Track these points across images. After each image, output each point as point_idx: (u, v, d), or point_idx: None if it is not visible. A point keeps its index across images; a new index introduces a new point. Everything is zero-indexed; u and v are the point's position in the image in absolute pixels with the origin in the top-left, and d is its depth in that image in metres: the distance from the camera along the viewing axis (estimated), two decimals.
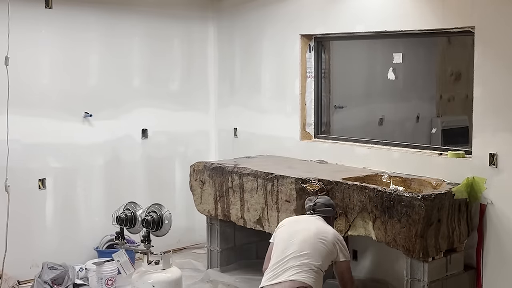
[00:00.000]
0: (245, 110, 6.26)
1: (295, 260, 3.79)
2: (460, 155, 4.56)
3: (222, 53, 6.48)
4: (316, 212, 4.11)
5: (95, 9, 5.71)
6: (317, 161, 5.48)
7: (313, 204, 4.14)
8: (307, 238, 3.87)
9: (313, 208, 4.13)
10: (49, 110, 5.47)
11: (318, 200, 4.16)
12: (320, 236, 3.88)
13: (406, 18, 4.82)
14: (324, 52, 5.71)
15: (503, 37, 4.20)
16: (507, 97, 4.22)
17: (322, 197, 4.24)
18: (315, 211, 4.12)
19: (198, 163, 5.51)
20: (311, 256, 3.80)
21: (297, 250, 3.82)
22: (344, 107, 6.05)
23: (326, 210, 4.14)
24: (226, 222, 5.43)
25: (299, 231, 3.94)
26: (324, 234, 3.91)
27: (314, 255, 3.81)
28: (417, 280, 4.17)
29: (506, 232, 4.27)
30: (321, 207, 4.13)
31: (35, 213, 5.46)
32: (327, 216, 4.13)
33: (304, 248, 3.82)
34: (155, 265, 4.71)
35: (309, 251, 3.81)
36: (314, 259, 3.80)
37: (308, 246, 3.83)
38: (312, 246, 3.84)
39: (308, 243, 3.85)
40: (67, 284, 5.08)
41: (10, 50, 4.86)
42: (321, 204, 4.14)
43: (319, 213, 4.11)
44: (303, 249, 3.82)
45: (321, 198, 4.20)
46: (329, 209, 4.16)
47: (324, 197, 4.25)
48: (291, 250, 3.83)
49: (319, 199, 4.18)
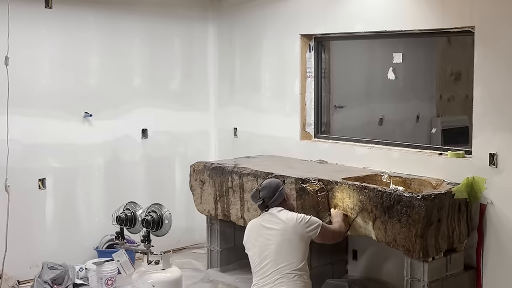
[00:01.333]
0: (245, 110, 6.26)
1: (276, 273, 3.76)
2: (460, 155, 4.56)
3: (222, 53, 6.48)
4: (270, 206, 3.99)
5: (95, 9, 5.71)
6: (317, 161, 5.48)
7: (261, 201, 4.00)
8: (278, 245, 3.81)
9: (265, 205, 3.99)
10: (49, 110, 5.47)
11: (263, 194, 3.99)
12: (286, 234, 3.83)
13: (406, 18, 4.81)
14: (324, 52, 5.71)
15: (503, 37, 4.20)
16: (507, 97, 4.21)
17: (263, 188, 4.02)
18: (268, 207, 3.99)
19: (198, 163, 5.51)
20: (290, 262, 3.77)
21: (274, 262, 3.78)
22: (344, 107, 6.06)
23: (276, 197, 3.99)
24: (226, 222, 5.43)
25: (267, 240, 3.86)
26: (288, 230, 3.83)
27: (293, 258, 3.79)
28: (417, 280, 4.17)
29: (506, 232, 4.27)
30: (270, 198, 3.98)
31: (35, 213, 5.46)
32: (281, 202, 4.01)
33: (281, 257, 3.79)
34: (155, 265, 4.70)
35: (286, 257, 3.78)
36: (294, 263, 3.78)
37: (283, 252, 3.80)
38: (286, 250, 3.80)
39: (281, 249, 3.80)
40: (67, 284, 5.08)
41: (10, 50, 4.87)
42: (268, 197, 3.98)
43: (272, 204, 3.98)
44: (279, 259, 3.78)
45: (263, 190, 4.01)
46: (278, 193, 4.00)
47: (264, 187, 4.03)
48: (269, 264, 3.79)
49: (263, 192, 3.99)
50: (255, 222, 4.07)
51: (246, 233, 4.06)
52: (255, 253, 3.90)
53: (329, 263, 5.20)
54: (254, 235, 3.97)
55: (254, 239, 3.95)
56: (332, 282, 5.09)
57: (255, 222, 4.06)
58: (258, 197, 4.02)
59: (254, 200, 4.10)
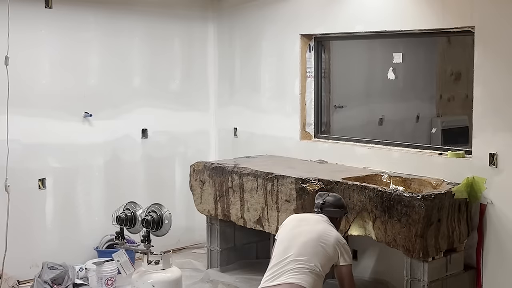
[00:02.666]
0: (245, 110, 6.26)
1: (294, 262, 3.75)
2: (460, 155, 4.56)
3: (222, 53, 6.48)
4: (324, 211, 4.05)
5: (95, 9, 5.71)
6: (317, 161, 5.48)
7: (322, 202, 4.07)
8: (309, 241, 3.82)
9: (321, 207, 4.06)
10: (49, 110, 5.47)
11: (327, 199, 4.08)
12: (322, 239, 3.83)
13: (406, 18, 4.81)
14: (324, 52, 5.71)
15: (503, 37, 4.20)
16: (507, 97, 4.21)
17: (332, 196, 4.13)
18: (322, 210, 4.05)
19: (198, 163, 5.51)
20: (310, 260, 3.76)
21: (297, 252, 3.78)
22: (344, 107, 6.06)
23: (334, 211, 4.06)
24: (226, 222, 5.43)
25: (301, 232, 3.89)
26: (326, 237, 3.85)
27: (314, 259, 3.77)
28: (417, 280, 4.17)
29: (506, 232, 4.27)
30: (329, 207, 4.06)
31: (35, 213, 5.46)
32: (333, 217, 4.06)
33: (304, 251, 3.78)
34: (155, 265, 4.71)
35: (309, 255, 3.78)
36: (313, 263, 3.76)
37: (309, 249, 3.79)
38: (312, 249, 3.80)
39: (309, 246, 3.81)
40: (67, 284, 5.08)
41: (10, 50, 4.87)
42: (330, 204, 4.06)
43: (326, 213, 4.04)
44: (303, 252, 3.78)
45: (331, 197, 4.10)
46: (337, 209, 4.08)
47: (334, 196, 4.14)
48: (291, 252, 3.80)
49: (329, 198, 4.09)
50: (299, 215, 4.22)
51: (286, 221, 4.11)
52: (285, 238, 3.91)
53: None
54: (293, 224, 4.02)
55: (292, 227, 3.99)
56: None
57: (299, 216, 4.20)
58: (324, 198, 4.09)
59: (318, 197, 4.13)
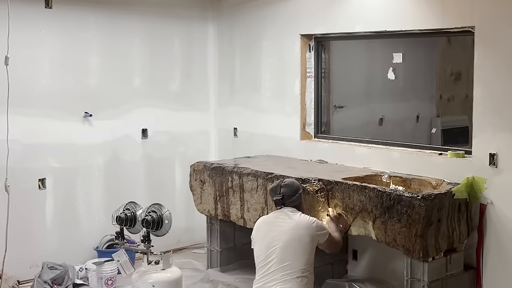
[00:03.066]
0: (245, 110, 6.26)
1: (279, 272, 3.76)
2: (460, 155, 4.56)
3: (222, 53, 6.48)
4: (287, 204, 4.02)
5: (95, 9, 5.71)
6: (317, 161, 5.48)
7: (280, 197, 4.02)
8: (286, 244, 3.82)
9: (283, 202, 4.02)
10: (49, 110, 5.47)
11: (284, 191, 4.02)
12: (296, 235, 3.84)
13: (406, 18, 4.81)
14: (324, 52, 5.71)
15: (503, 37, 4.20)
16: (507, 97, 4.21)
17: (285, 185, 4.05)
18: (284, 204, 4.02)
19: (198, 163, 5.51)
20: (295, 263, 3.78)
21: (279, 260, 3.79)
22: (344, 107, 6.06)
23: (295, 198, 4.04)
24: (226, 222, 5.43)
25: (275, 237, 3.87)
26: (299, 231, 3.86)
27: (298, 260, 3.79)
28: (417, 280, 4.17)
29: (506, 232, 4.27)
30: (289, 197, 4.02)
31: (35, 213, 5.46)
32: (296, 204, 4.04)
33: (286, 257, 3.79)
34: (155, 265, 4.71)
35: (291, 258, 3.79)
36: (299, 265, 3.78)
37: (289, 252, 3.80)
38: (292, 250, 3.81)
39: (288, 248, 3.81)
40: (67, 284, 5.08)
41: (10, 50, 4.87)
42: (288, 195, 4.02)
43: (289, 204, 4.02)
44: (285, 257, 3.79)
45: (285, 187, 4.04)
46: (296, 195, 4.05)
47: (287, 185, 4.06)
48: (273, 261, 3.80)
49: (284, 189, 4.02)
50: (266, 218, 4.10)
51: (256, 228, 4.07)
52: (262, 248, 3.90)
53: (329, 263, 5.20)
54: (263, 230, 3.99)
55: (263, 235, 3.96)
56: (332, 282, 5.09)
57: (266, 218, 4.09)
58: (279, 192, 4.03)
59: (272, 194, 4.09)
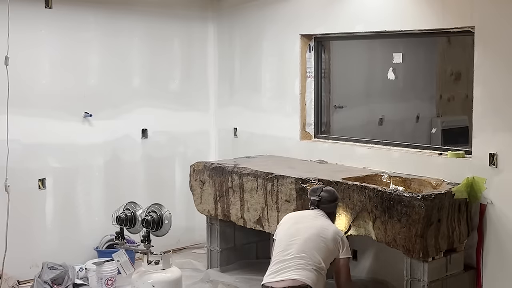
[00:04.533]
0: (245, 110, 6.26)
1: (297, 259, 3.79)
2: (460, 155, 4.56)
3: (222, 53, 6.48)
4: (321, 207, 4.10)
5: (95, 9, 5.70)
6: (317, 161, 5.48)
7: (317, 199, 4.11)
8: (309, 237, 3.87)
9: (317, 204, 4.11)
10: (49, 110, 5.47)
11: (323, 195, 4.13)
12: (322, 233, 3.89)
13: (406, 18, 4.81)
14: (324, 52, 5.71)
15: (503, 37, 4.20)
16: (507, 97, 4.21)
17: (326, 191, 4.18)
18: (319, 207, 4.10)
19: (198, 163, 5.51)
20: (312, 255, 3.81)
21: (298, 249, 3.82)
22: (344, 107, 6.06)
23: (330, 205, 4.14)
24: (226, 222, 5.43)
25: (300, 229, 3.94)
26: (326, 232, 3.91)
27: (316, 254, 3.82)
28: (417, 280, 4.17)
29: (506, 232, 4.27)
30: (325, 203, 4.12)
31: (35, 213, 5.46)
32: (330, 212, 4.13)
33: (306, 247, 3.83)
34: (155, 265, 4.71)
35: (311, 250, 3.82)
36: (315, 259, 3.80)
37: (310, 244, 3.84)
38: (313, 244, 3.84)
39: (310, 241, 3.85)
40: (67, 284, 5.08)
41: (10, 50, 4.87)
42: (325, 200, 4.12)
43: (323, 209, 4.10)
44: (305, 248, 3.82)
45: (325, 192, 4.15)
46: (333, 204, 4.16)
47: (328, 191, 4.19)
48: (293, 249, 3.83)
49: (324, 193, 4.14)
50: (297, 213, 4.27)
51: (284, 220, 4.15)
52: (284, 237, 3.94)
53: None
54: (291, 222, 4.06)
55: (290, 225, 4.02)
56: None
57: (298, 213, 4.26)
58: (318, 194, 4.12)
59: (312, 193, 4.17)
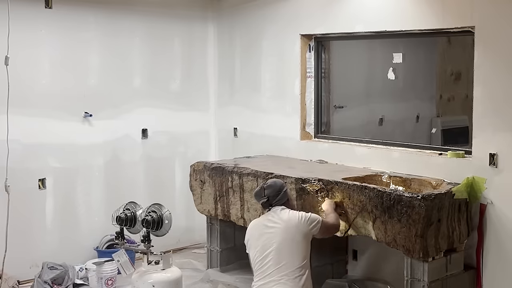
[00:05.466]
0: (245, 110, 6.26)
1: (277, 272, 3.75)
2: (460, 155, 4.56)
3: (222, 53, 6.49)
4: (274, 204, 3.98)
5: (95, 9, 5.71)
6: (317, 161, 5.48)
7: (266, 199, 3.98)
8: (280, 244, 3.81)
9: (270, 204, 3.99)
10: (49, 110, 5.47)
11: (268, 193, 3.98)
12: (289, 234, 3.83)
13: (406, 18, 4.81)
14: (324, 52, 5.71)
15: (503, 37, 4.20)
16: (507, 97, 4.21)
17: (268, 187, 4.01)
18: (272, 205, 3.99)
19: (198, 163, 5.51)
20: (290, 262, 3.77)
21: (275, 262, 3.78)
22: (344, 107, 6.06)
23: (281, 196, 4.00)
24: (226, 222, 5.43)
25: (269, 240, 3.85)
26: (291, 229, 3.84)
27: (294, 260, 3.78)
28: (417, 280, 4.17)
29: (506, 232, 4.27)
30: (275, 197, 3.98)
31: (35, 213, 5.46)
32: (284, 202, 4.01)
33: (281, 258, 3.78)
34: (155, 265, 4.70)
35: (287, 258, 3.78)
36: (295, 263, 3.78)
37: (284, 252, 3.79)
38: (287, 249, 3.80)
39: (283, 249, 3.80)
40: (67, 284, 5.08)
41: (10, 50, 4.87)
42: (273, 195, 3.98)
43: (276, 203, 3.98)
44: (281, 259, 3.78)
45: (268, 189, 4.00)
46: (282, 193, 4.01)
47: (270, 186, 4.02)
48: (270, 263, 3.79)
49: (268, 190, 3.99)
50: (257, 222, 4.06)
51: (248, 233, 4.04)
52: (257, 252, 3.89)
53: (329, 263, 5.20)
54: (256, 235, 3.96)
55: (256, 238, 3.93)
56: (332, 282, 5.09)
57: (257, 222, 4.05)
58: (263, 195, 4.00)
59: (258, 198, 4.07)
